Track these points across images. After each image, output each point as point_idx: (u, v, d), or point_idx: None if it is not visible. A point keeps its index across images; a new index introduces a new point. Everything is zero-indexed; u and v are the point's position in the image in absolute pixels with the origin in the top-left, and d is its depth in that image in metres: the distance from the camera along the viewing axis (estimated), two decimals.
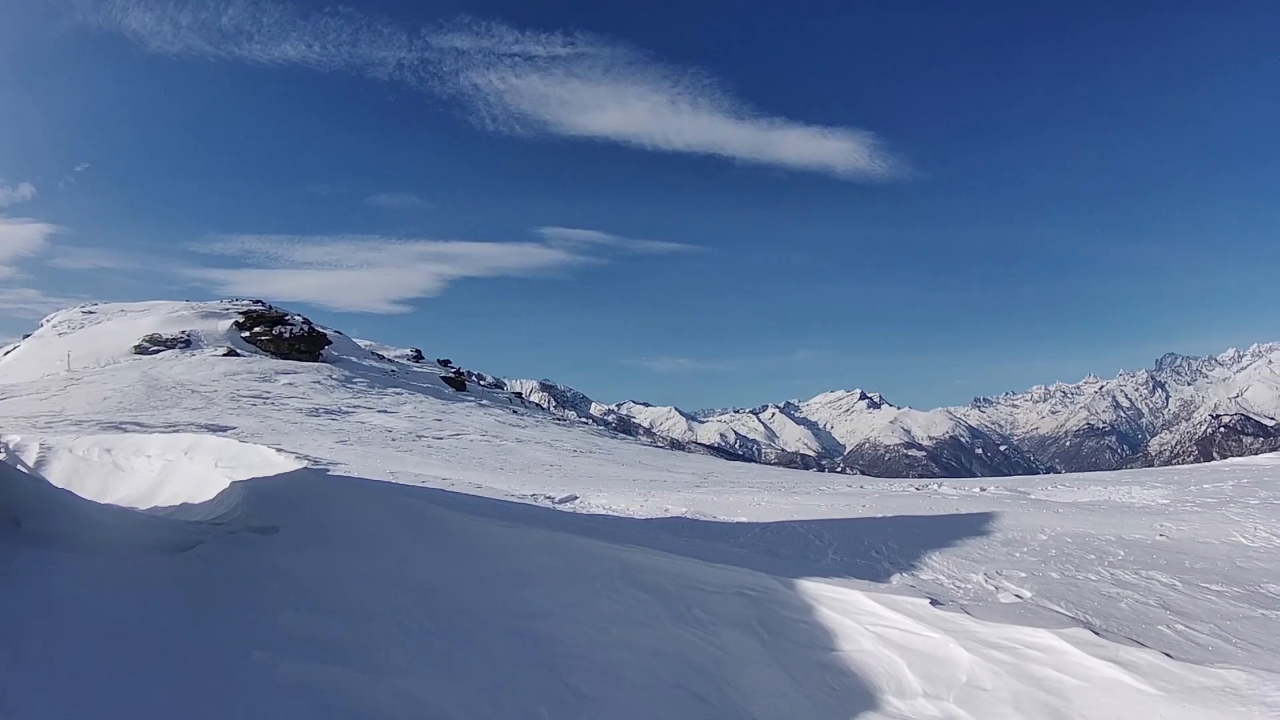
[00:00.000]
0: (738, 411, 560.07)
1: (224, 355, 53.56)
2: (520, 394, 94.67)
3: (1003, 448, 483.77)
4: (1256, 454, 28.86)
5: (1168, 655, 6.29)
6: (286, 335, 59.71)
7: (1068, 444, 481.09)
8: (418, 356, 78.97)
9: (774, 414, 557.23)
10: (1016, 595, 8.30)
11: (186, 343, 55.63)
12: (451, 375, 69.84)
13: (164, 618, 7.50)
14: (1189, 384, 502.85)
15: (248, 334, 60.27)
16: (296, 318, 64.12)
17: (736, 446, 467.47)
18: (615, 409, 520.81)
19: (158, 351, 52.95)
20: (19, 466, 17.64)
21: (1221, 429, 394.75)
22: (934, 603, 7.87)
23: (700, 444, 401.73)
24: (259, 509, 11.53)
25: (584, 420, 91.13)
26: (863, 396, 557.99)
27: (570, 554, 9.59)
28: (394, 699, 6.92)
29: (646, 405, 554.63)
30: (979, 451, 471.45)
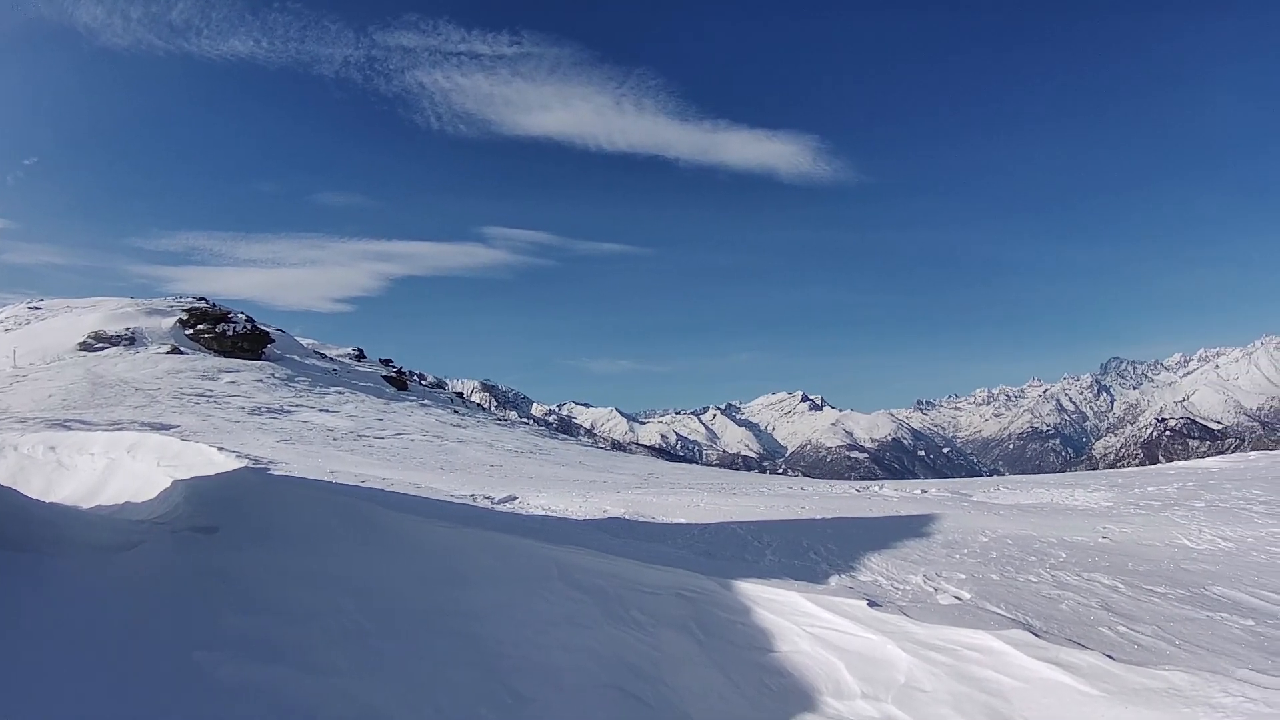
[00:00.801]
0: (679, 413, 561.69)
1: (168, 353, 52.68)
2: (462, 394, 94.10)
3: (946, 450, 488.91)
4: (1203, 457, 29.34)
5: (1109, 657, 6.35)
6: (229, 333, 58.96)
7: (1011, 446, 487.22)
8: (360, 356, 78.38)
9: (715, 415, 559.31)
10: (956, 597, 8.36)
11: (131, 340, 54.85)
12: (393, 375, 69.39)
13: (106, 618, 7.47)
14: (1134, 388, 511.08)
15: (191, 331, 59.43)
16: (240, 315, 63.21)
17: (678, 448, 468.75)
18: (556, 409, 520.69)
19: (103, 349, 52.16)
20: None
21: (1167, 433, 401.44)
22: (871, 604, 7.92)
23: (641, 445, 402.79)
24: (200, 508, 11.50)
25: (525, 421, 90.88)
26: (804, 398, 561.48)
27: (509, 555, 9.61)
28: (336, 700, 6.90)
29: (588, 406, 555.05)
30: (922, 454, 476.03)
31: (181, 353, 53.72)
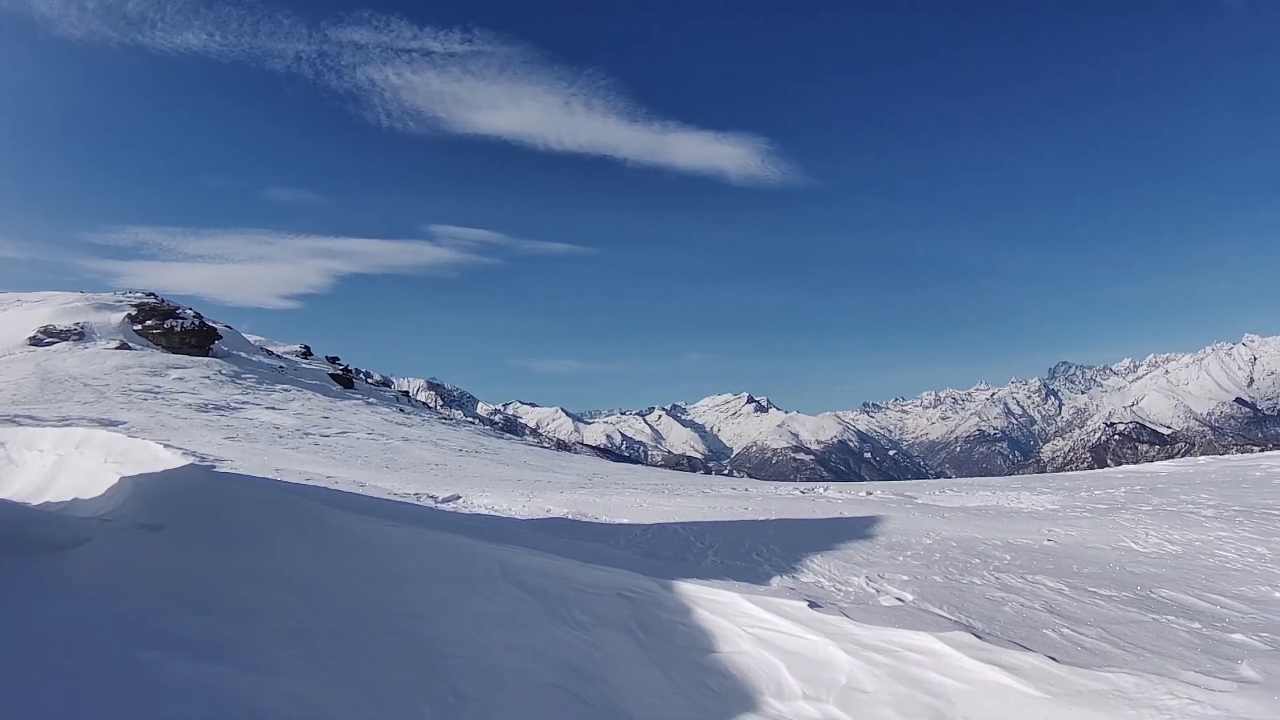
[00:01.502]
0: (624, 413, 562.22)
1: (116, 348, 52.49)
2: (407, 393, 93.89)
3: (892, 452, 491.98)
4: (1152, 462, 29.72)
5: (1053, 659, 6.43)
6: (177, 329, 58.86)
7: (958, 449, 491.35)
8: (306, 353, 78.08)
9: (661, 416, 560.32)
10: (898, 598, 8.43)
11: (80, 335, 54.52)
12: (339, 373, 69.25)
13: (52, 616, 7.43)
14: (1083, 392, 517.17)
15: (140, 327, 59.13)
16: (188, 311, 63.17)
17: (623, 448, 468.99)
18: (502, 409, 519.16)
19: (52, 343, 51.80)
20: None
21: (1116, 436, 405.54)
22: (813, 605, 7.99)
23: (587, 445, 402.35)
24: (147, 506, 11.50)
25: (470, 420, 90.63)
26: (750, 400, 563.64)
27: (452, 554, 9.65)
28: (280, 699, 6.84)
29: (533, 406, 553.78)
30: (868, 456, 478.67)
31: (130, 348, 53.63)
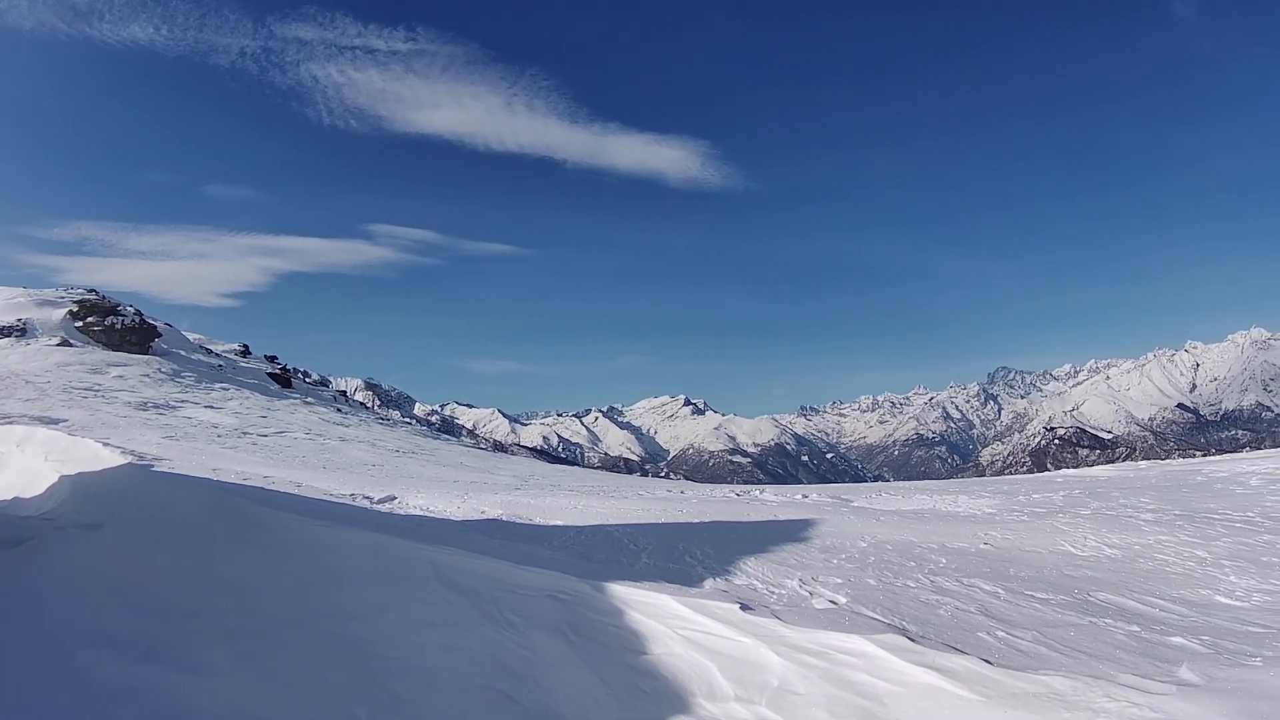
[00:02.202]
0: (561, 415, 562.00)
1: (57, 345, 52.57)
2: (345, 392, 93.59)
3: (830, 456, 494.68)
4: (1093, 466, 30.06)
5: (987, 661, 6.50)
6: (118, 326, 58.90)
7: (896, 453, 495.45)
8: (245, 352, 77.95)
9: (597, 418, 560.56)
10: (831, 601, 8.48)
11: (23, 331, 54.32)
12: (277, 372, 69.36)
13: None
14: (1023, 397, 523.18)
15: (81, 324, 59.05)
16: (129, 308, 63.33)
17: (560, 450, 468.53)
18: (439, 409, 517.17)
19: None
20: None
21: (1056, 441, 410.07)
22: (745, 607, 8.05)
23: (523, 446, 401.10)
24: (86, 505, 11.50)
25: (408, 420, 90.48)
26: (687, 402, 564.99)
27: (385, 555, 9.65)
28: (215, 700, 6.81)
29: (470, 406, 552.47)
30: (805, 459, 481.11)
31: (71, 345, 53.70)
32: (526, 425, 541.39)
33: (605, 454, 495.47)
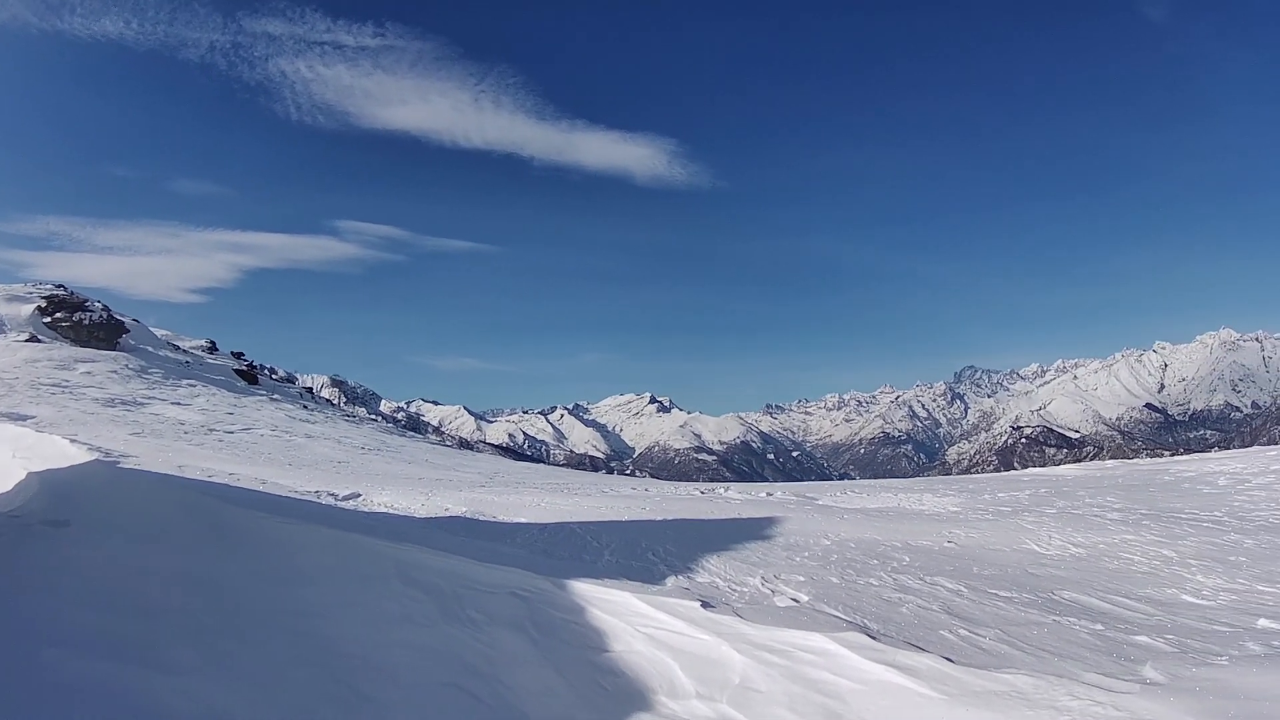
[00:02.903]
0: (526, 412, 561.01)
1: (26, 341, 52.89)
2: (311, 389, 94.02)
3: (795, 454, 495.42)
4: (1059, 465, 30.23)
5: (948, 659, 6.56)
6: (86, 322, 59.10)
7: (862, 451, 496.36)
8: (212, 348, 78.18)
9: (563, 415, 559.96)
10: (793, 599, 8.53)
11: None
12: (244, 368, 69.62)
13: None
14: (989, 396, 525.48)
15: (49, 319, 59.18)
16: (96, 304, 63.63)
17: (525, 447, 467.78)
18: (405, 406, 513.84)
19: None
20: None
21: (1023, 440, 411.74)
22: (706, 605, 8.13)
23: (489, 444, 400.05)
24: (52, 501, 11.48)
25: (374, 417, 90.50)
26: (653, 400, 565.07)
27: (349, 552, 9.71)
28: (180, 698, 6.78)
29: (436, 404, 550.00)
30: (771, 457, 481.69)
31: (39, 341, 53.94)
32: (492, 422, 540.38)
33: (571, 451, 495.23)
